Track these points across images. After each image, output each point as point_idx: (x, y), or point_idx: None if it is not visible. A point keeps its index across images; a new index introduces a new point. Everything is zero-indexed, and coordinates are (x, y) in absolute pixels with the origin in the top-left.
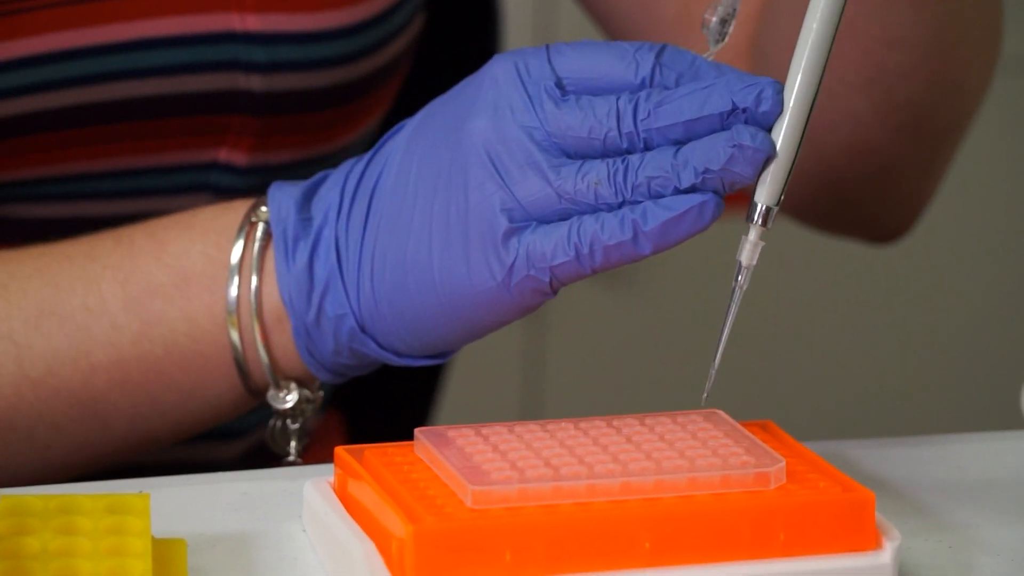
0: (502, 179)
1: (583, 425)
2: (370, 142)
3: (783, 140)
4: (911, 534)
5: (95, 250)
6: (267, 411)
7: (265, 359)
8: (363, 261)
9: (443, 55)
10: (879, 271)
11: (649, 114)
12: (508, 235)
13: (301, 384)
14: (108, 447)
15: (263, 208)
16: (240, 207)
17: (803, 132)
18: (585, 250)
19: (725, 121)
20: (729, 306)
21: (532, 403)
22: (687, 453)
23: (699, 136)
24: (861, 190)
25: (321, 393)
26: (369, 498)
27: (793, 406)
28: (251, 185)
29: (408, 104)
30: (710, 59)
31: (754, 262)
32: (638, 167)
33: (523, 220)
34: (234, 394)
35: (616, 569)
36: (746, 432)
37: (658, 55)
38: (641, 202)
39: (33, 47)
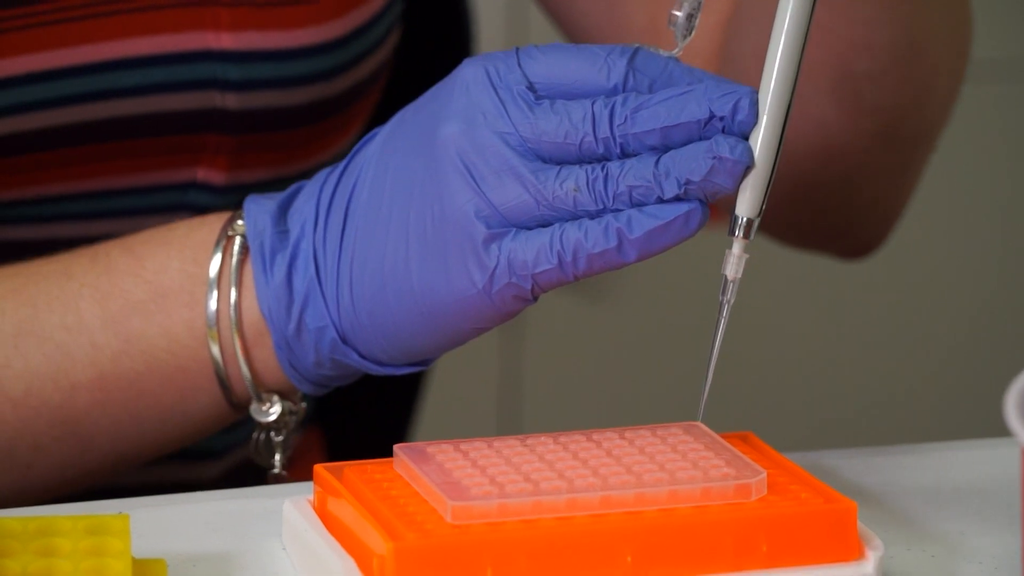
0: (477, 185)
1: (563, 439)
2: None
3: (760, 151)
4: (894, 544)
5: (71, 268)
6: (247, 431)
7: (247, 373)
8: (341, 272)
9: (418, 67)
10: (860, 281)
11: (626, 119)
12: (488, 241)
13: (283, 396)
14: (90, 465)
15: (239, 222)
16: (216, 221)
17: (780, 141)
18: (568, 258)
19: (703, 129)
20: (718, 320)
21: (509, 417)
22: (667, 466)
23: (676, 142)
24: (831, 198)
25: (304, 405)
26: (349, 515)
27: (773, 417)
28: (229, 204)
29: (386, 118)
30: (678, 55)
31: (739, 275)
32: (618, 175)
33: (500, 226)
34: (216, 408)
35: None
36: (726, 444)
37: (630, 60)
38: (622, 210)
39: (7, 69)
